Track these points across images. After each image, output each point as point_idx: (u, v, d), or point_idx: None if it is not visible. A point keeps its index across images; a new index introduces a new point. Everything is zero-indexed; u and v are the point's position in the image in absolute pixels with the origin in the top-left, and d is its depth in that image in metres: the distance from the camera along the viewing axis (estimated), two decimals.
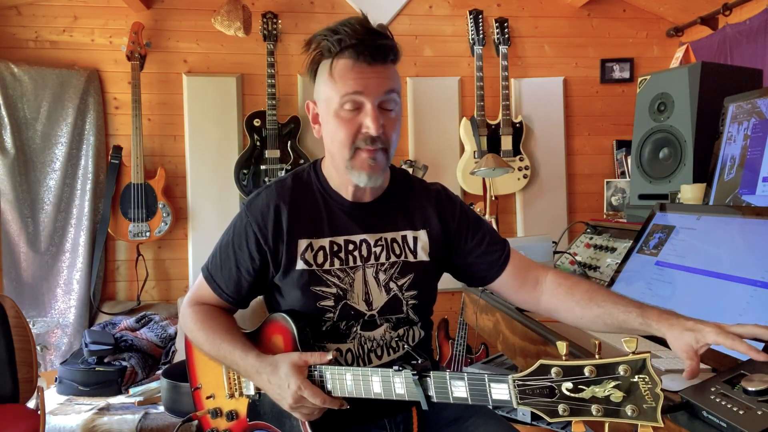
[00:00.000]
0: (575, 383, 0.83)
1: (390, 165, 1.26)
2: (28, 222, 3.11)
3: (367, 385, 1.07)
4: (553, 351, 1.39)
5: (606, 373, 0.81)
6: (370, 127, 1.12)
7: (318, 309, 1.19)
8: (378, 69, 1.12)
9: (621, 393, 0.80)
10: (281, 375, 1.10)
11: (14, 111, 3.09)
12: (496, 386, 0.92)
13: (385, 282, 1.22)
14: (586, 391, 0.82)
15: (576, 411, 0.83)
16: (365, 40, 1.11)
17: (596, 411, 0.81)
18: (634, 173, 2.17)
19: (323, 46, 1.15)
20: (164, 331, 3.00)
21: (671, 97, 2.01)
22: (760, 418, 0.80)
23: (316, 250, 1.21)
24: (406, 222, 1.27)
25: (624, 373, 0.80)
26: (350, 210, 1.24)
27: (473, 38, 3.43)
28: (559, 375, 0.84)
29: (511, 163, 3.30)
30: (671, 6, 3.47)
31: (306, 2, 3.42)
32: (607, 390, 0.81)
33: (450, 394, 0.98)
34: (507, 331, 1.74)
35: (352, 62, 1.12)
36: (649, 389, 0.79)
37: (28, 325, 2.14)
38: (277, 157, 3.23)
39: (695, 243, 1.37)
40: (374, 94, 1.12)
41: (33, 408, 2.00)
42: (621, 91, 3.64)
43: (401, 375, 1.03)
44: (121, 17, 3.26)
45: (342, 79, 1.12)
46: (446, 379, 0.98)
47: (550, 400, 0.85)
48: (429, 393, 1.01)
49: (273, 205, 1.22)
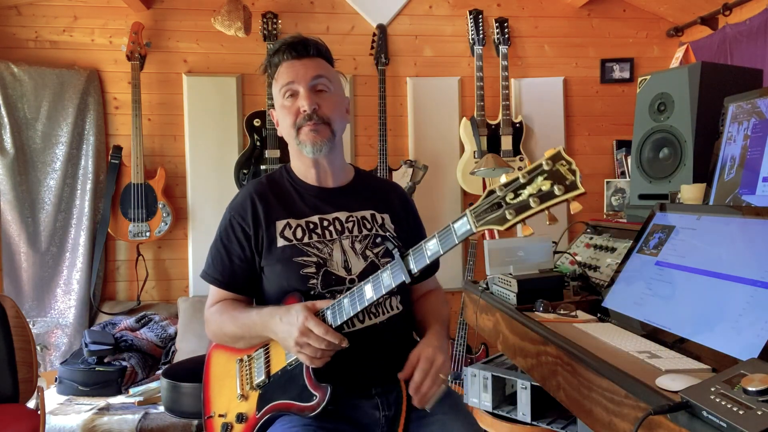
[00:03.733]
0: (514, 191, 1.03)
1: (355, 166, 1.53)
2: (28, 222, 3.11)
3: (361, 296, 1.21)
4: (553, 351, 1.39)
5: (535, 172, 1.01)
6: (303, 104, 1.34)
7: (301, 277, 1.32)
8: (305, 61, 1.37)
9: (549, 181, 0.99)
10: (292, 312, 1.23)
11: (14, 111, 3.09)
12: (458, 224, 1.10)
13: (362, 250, 1.37)
14: (524, 193, 1.02)
15: (520, 210, 1.02)
16: (290, 42, 1.38)
17: (534, 203, 1.01)
18: (634, 173, 2.17)
19: (270, 64, 1.43)
20: (164, 331, 3.00)
21: (671, 97, 2.01)
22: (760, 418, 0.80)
23: (294, 227, 1.37)
24: (370, 205, 1.44)
25: (547, 166, 1.00)
26: (318, 194, 1.42)
27: (473, 38, 3.43)
28: (501, 190, 1.05)
29: (511, 163, 3.30)
30: (671, 6, 3.47)
31: (306, 2, 3.42)
32: (538, 184, 1.00)
33: (426, 255, 1.15)
34: (507, 331, 1.74)
35: (285, 62, 1.38)
36: (567, 169, 0.99)
37: (28, 325, 2.14)
38: (277, 157, 3.23)
39: (695, 243, 1.37)
40: (304, 80, 1.35)
41: (33, 408, 2.00)
42: (621, 91, 3.64)
43: (387, 269, 1.19)
44: (121, 17, 3.26)
45: (280, 77, 1.39)
46: (421, 245, 1.16)
47: (498, 212, 1.04)
48: (410, 267, 1.17)
49: (249, 197, 1.40)
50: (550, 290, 1.71)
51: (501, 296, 1.82)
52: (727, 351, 1.09)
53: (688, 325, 1.23)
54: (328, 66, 1.41)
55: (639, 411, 1.02)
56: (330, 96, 1.38)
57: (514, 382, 2.09)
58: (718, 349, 1.11)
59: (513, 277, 1.73)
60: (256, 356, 1.38)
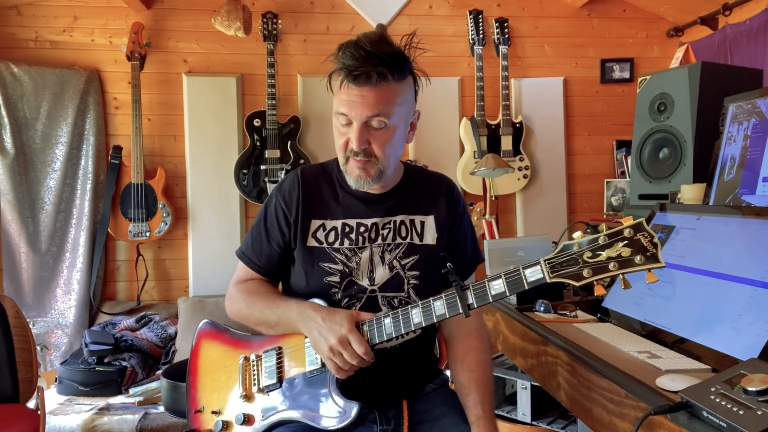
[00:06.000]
0: (593, 251, 1.04)
1: (406, 163, 1.44)
2: (28, 222, 3.11)
3: (407, 320, 1.18)
4: (553, 351, 1.39)
5: (615, 237, 1.03)
6: (353, 141, 1.25)
7: (324, 284, 1.30)
8: (365, 92, 1.22)
9: (629, 249, 1.02)
10: (336, 318, 1.19)
11: (14, 111, 3.09)
12: (530, 270, 1.09)
13: (390, 261, 1.31)
14: (603, 255, 1.03)
15: (597, 270, 1.04)
16: (357, 64, 1.20)
17: (613, 267, 1.02)
18: (634, 173, 2.17)
19: (336, 58, 1.26)
20: (164, 331, 3.00)
21: (671, 97, 2.01)
22: (760, 418, 0.80)
23: (329, 230, 1.33)
24: (415, 207, 1.37)
25: (629, 234, 1.02)
26: (363, 197, 1.35)
27: (473, 38, 3.43)
28: (579, 248, 1.05)
29: (511, 163, 3.30)
30: (671, 6, 3.47)
31: (306, 2, 3.41)
32: (618, 250, 1.02)
33: (489, 294, 1.12)
34: (507, 331, 1.74)
35: (344, 81, 1.23)
36: (649, 242, 1.01)
37: (28, 325, 2.14)
38: (277, 157, 3.23)
39: (695, 243, 1.37)
40: (358, 117, 1.23)
41: (33, 408, 2.00)
42: (621, 91, 3.64)
43: (441, 297, 1.16)
44: (121, 17, 3.26)
45: (337, 95, 1.26)
46: (484, 283, 1.13)
47: (574, 268, 1.05)
48: (469, 302, 1.14)
49: (297, 184, 1.36)
50: (550, 290, 1.71)
51: None
52: (727, 351, 1.09)
53: (688, 325, 1.23)
54: (393, 92, 1.25)
55: (639, 411, 1.02)
56: (384, 132, 1.26)
57: (514, 382, 2.09)
58: (718, 349, 1.11)
59: None
60: (266, 357, 1.33)
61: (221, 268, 3.16)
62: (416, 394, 1.37)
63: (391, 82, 1.24)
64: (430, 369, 1.43)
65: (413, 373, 1.36)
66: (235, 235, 3.29)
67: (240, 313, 1.37)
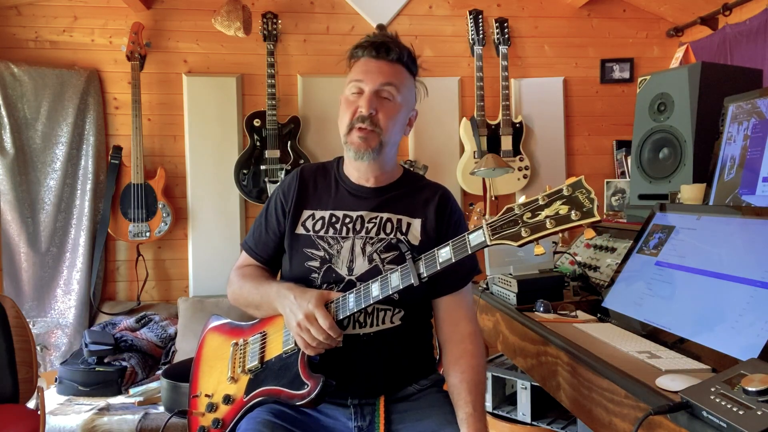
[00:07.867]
0: (533, 211, 1.07)
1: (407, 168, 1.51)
2: (28, 222, 3.11)
3: (367, 293, 1.23)
4: (553, 351, 1.39)
5: (554, 196, 1.06)
6: (362, 106, 1.33)
7: (305, 269, 1.36)
8: (381, 63, 1.36)
9: (567, 207, 1.04)
10: (306, 296, 1.26)
11: (14, 111, 3.09)
12: (473, 235, 1.13)
13: (370, 253, 1.36)
14: (541, 214, 1.06)
15: (535, 229, 1.06)
16: (374, 41, 1.38)
17: (550, 224, 1.05)
18: (634, 173, 2.17)
19: (352, 55, 1.42)
20: (164, 331, 3.00)
21: (671, 97, 2.01)
22: (760, 418, 0.80)
23: (317, 219, 1.41)
24: (404, 209, 1.41)
25: (567, 192, 1.05)
26: (355, 190, 1.42)
27: (473, 38, 3.43)
28: (520, 209, 1.09)
29: (511, 163, 3.30)
30: (671, 6, 3.47)
31: (306, 2, 3.42)
32: (556, 208, 1.05)
33: (437, 261, 1.17)
34: (507, 331, 1.74)
35: (363, 58, 1.38)
36: (586, 197, 1.03)
37: (28, 325, 2.14)
38: (277, 157, 3.23)
39: (695, 243, 1.37)
40: (372, 82, 1.34)
41: (33, 408, 2.00)
42: (621, 91, 3.64)
43: (397, 270, 1.21)
44: (121, 17, 3.26)
45: (353, 70, 1.39)
46: (434, 252, 1.18)
47: (514, 229, 1.08)
48: (419, 271, 1.19)
49: (296, 179, 1.46)
50: (550, 290, 1.72)
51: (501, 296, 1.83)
52: (727, 351, 1.09)
53: (688, 325, 1.23)
54: (404, 75, 1.40)
55: (639, 411, 1.02)
56: (392, 105, 1.36)
57: (514, 382, 2.09)
58: (718, 349, 1.11)
59: (513, 277, 1.74)
60: (252, 341, 1.42)
61: (221, 268, 3.16)
62: (395, 392, 1.37)
63: (403, 68, 1.40)
64: (415, 369, 1.41)
65: (391, 368, 1.36)
66: (235, 235, 3.29)
67: (233, 294, 1.47)
